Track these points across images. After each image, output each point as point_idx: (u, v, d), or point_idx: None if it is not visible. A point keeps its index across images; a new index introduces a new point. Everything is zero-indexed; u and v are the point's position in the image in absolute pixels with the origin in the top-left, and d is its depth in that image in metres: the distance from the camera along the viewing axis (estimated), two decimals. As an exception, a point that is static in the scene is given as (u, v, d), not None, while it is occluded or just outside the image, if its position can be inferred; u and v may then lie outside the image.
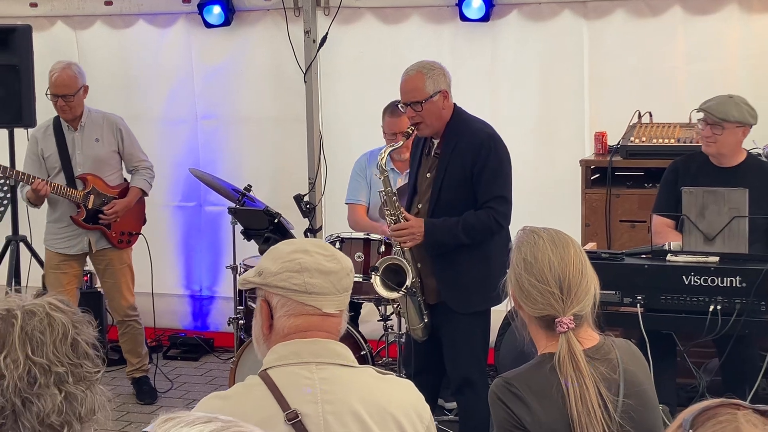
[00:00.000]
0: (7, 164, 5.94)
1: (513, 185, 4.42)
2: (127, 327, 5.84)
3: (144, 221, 5.96)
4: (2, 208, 6.60)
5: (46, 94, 5.59)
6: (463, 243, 4.26)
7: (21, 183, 5.60)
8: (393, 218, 4.32)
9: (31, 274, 6.27)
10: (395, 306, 4.62)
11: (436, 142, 4.41)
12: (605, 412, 2.31)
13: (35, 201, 5.60)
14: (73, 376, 1.76)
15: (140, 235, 5.89)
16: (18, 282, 6.27)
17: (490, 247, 4.30)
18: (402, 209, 4.33)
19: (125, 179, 5.87)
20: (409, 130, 4.38)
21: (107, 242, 5.72)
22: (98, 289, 6.31)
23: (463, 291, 4.32)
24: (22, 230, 6.41)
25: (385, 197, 4.32)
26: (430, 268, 4.37)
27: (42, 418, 1.72)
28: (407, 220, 4.29)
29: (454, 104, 4.39)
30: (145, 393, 5.87)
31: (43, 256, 6.34)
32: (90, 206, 5.61)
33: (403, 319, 4.64)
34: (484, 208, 4.27)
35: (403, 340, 4.98)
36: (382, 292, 4.39)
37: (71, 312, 1.82)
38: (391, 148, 4.48)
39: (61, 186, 5.54)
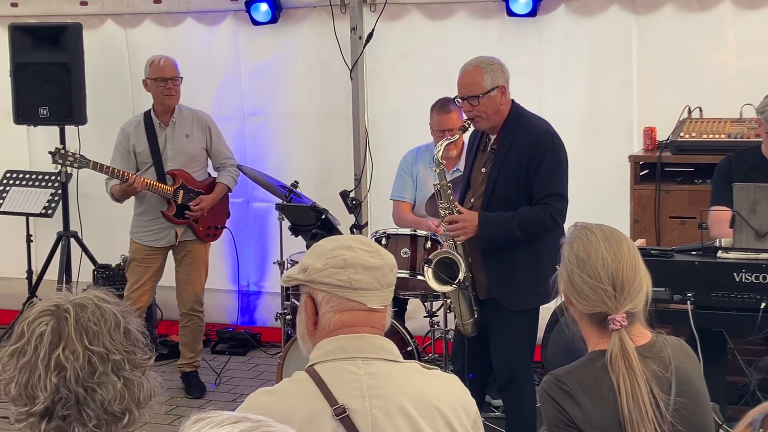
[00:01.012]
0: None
1: (561, 181, 4.39)
2: (190, 320, 5.91)
3: (228, 215, 6.07)
4: (54, 205, 6.71)
5: (148, 81, 5.73)
6: (517, 238, 4.24)
7: (108, 177, 5.65)
8: (447, 211, 4.30)
9: (82, 269, 6.35)
10: (446, 300, 4.61)
11: (492, 137, 4.39)
12: (657, 411, 2.29)
13: (121, 196, 5.66)
14: (129, 363, 1.82)
15: (226, 229, 6.03)
16: (69, 277, 6.36)
17: (542, 245, 4.28)
18: (456, 203, 4.32)
19: (209, 174, 5.97)
20: (465, 124, 4.37)
21: (193, 234, 5.83)
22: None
23: (513, 288, 4.30)
24: (73, 226, 6.50)
25: (439, 189, 4.31)
26: (480, 264, 4.36)
27: (106, 407, 1.76)
28: (461, 213, 4.28)
29: (512, 100, 4.38)
30: (194, 387, 5.93)
31: (93, 252, 6.43)
32: (179, 201, 5.72)
33: (451, 314, 4.63)
34: (541, 204, 4.25)
35: (449, 336, 4.97)
36: (435, 285, 4.38)
37: (116, 303, 1.88)
38: (447, 141, 4.45)
39: (153, 182, 5.64)
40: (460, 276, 4.28)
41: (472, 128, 4.47)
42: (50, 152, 5.67)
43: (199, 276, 5.89)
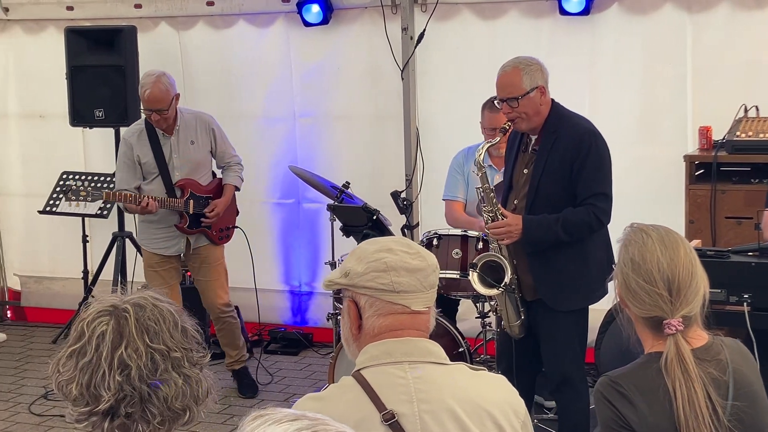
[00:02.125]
0: (113, 161, 6.07)
1: (614, 181, 4.35)
2: (223, 323, 5.88)
3: (237, 213, 5.96)
4: (109, 206, 6.80)
5: (141, 110, 5.52)
6: (562, 240, 4.22)
7: (118, 185, 5.60)
8: (490, 215, 4.29)
9: (137, 269, 6.42)
10: (492, 303, 4.59)
11: (533, 138, 4.37)
12: (714, 416, 2.25)
13: (133, 211, 5.59)
14: (188, 360, 1.84)
15: (237, 228, 5.91)
16: (124, 277, 6.44)
17: (588, 245, 4.26)
18: (499, 206, 4.30)
19: (214, 173, 5.85)
20: (505, 125, 4.34)
21: (206, 239, 5.72)
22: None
23: (560, 288, 4.28)
24: (128, 226, 6.58)
25: (482, 193, 4.30)
26: (526, 265, 4.34)
27: (168, 404, 1.79)
28: (505, 217, 4.27)
29: (552, 100, 4.35)
30: (246, 386, 5.97)
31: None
32: (191, 212, 5.60)
33: (499, 316, 4.62)
34: (585, 205, 4.22)
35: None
36: (480, 288, 4.37)
37: (169, 302, 1.91)
38: (488, 144, 4.45)
39: (163, 199, 5.52)
40: (507, 279, 4.27)
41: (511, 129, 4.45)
42: (63, 190, 5.59)
43: (220, 279, 5.78)
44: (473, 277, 4.35)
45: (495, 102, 4.43)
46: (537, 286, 4.33)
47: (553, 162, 4.25)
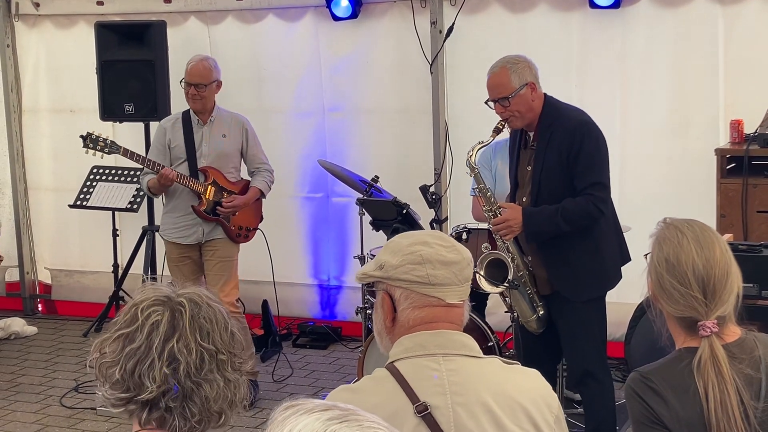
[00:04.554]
0: (143, 155, 6.10)
1: (645, 174, 4.33)
2: None
3: (261, 218, 5.90)
4: (139, 200, 6.84)
5: (180, 82, 5.61)
6: (564, 231, 4.22)
7: (145, 170, 5.63)
8: (491, 213, 4.32)
9: (167, 263, 6.45)
10: (504, 299, 4.59)
11: (531, 134, 4.37)
12: (745, 419, 2.22)
13: (156, 190, 5.62)
14: (231, 365, 1.83)
15: (258, 230, 5.86)
16: (153, 271, 6.47)
17: (598, 235, 4.29)
18: (498, 203, 4.31)
19: (243, 178, 5.81)
20: (498, 125, 4.36)
21: (223, 233, 5.66)
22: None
23: (575, 280, 4.31)
24: (157, 220, 6.61)
25: (479, 193, 4.34)
26: (539, 259, 4.35)
27: (208, 405, 1.78)
28: (505, 210, 4.28)
29: (545, 94, 4.35)
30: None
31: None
32: (210, 197, 5.58)
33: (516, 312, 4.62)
34: (583, 195, 4.23)
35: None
36: (486, 287, 4.41)
37: (218, 302, 1.90)
38: (480, 146, 4.45)
39: (184, 175, 5.54)
40: (509, 276, 4.28)
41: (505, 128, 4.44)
42: (81, 136, 5.64)
43: (230, 276, 5.68)
44: (478, 277, 4.37)
45: (486, 103, 4.42)
46: (552, 280, 4.34)
47: (551, 157, 4.27)
